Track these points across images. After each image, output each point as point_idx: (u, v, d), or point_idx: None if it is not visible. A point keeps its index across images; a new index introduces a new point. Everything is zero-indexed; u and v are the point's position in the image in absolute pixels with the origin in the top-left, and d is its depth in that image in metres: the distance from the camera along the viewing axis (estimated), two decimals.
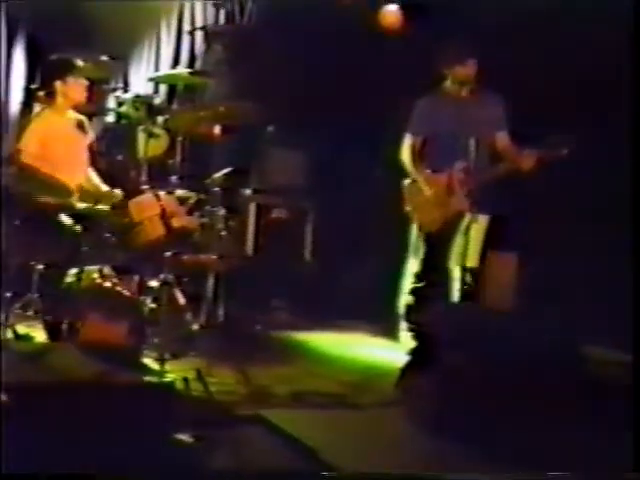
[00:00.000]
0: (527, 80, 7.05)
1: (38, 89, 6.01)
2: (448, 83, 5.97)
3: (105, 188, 5.99)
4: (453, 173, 5.81)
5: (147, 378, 5.10)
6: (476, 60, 5.87)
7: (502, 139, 5.96)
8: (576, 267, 6.97)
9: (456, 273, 6.25)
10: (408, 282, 5.97)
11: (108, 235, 5.45)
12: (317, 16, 7.85)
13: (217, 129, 6.28)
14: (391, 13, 8.01)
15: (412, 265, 5.95)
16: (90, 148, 6.09)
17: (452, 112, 5.88)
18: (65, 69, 5.92)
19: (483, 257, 6.90)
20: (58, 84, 5.90)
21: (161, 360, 5.29)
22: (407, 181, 5.99)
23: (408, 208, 5.98)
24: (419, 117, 6.01)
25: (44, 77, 6.01)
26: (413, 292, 5.96)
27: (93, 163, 6.10)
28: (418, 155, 5.98)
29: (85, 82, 6.01)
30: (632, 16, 6.43)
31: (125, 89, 7.62)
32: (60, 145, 5.84)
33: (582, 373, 6.06)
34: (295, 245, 7.80)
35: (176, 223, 5.68)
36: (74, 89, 5.96)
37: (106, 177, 6.22)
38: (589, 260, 7.01)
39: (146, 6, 7.83)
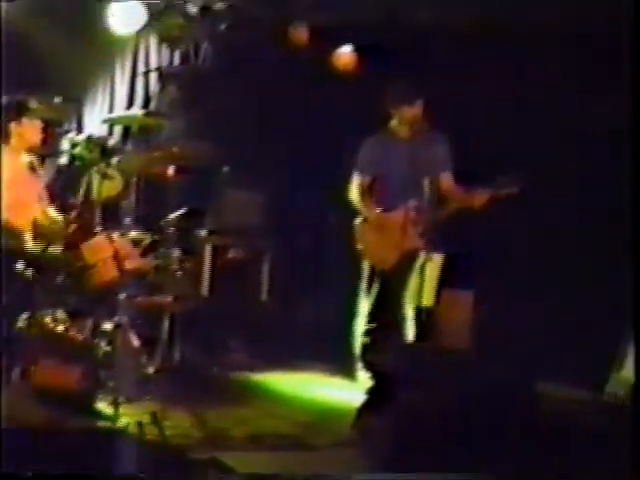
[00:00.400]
0: (475, 120, 7.15)
1: None
2: (395, 123, 6.02)
3: (55, 214, 5.92)
4: (406, 212, 5.84)
5: (101, 423, 5.06)
6: (422, 101, 5.94)
7: (446, 180, 6.00)
8: (533, 305, 7.04)
9: (412, 312, 6.27)
10: (363, 322, 5.97)
11: (61, 278, 5.39)
12: (271, 57, 7.91)
13: (171, 170, 6.28)
14: (344, 55, 8.09)
15: (366, 305, 5.96)
16: (48, 188, 6.04)
17: (400, 152, 5.94)
18: (19, 111, 5.91)
19: (438, 296, 6.95)
20: (13, 126, 5.88)
21: (115, 404, 5.23)
22: (358, 220, 6.02)
23: (360, 247, 6.00)
24: (367, 156, 6.06)
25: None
26: (368, 332, 5.95)
27: (52, 201, 6.06)
28: (368, 194, 6.01)
29: (40, 123, 6.00)
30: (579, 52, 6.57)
31: (79, 131, 7.59)
32: (13, 187, 5.78)
33: (539, 411, 6.09)
34: (251, 285, 7.77)
35: (130, 265, 5.64)
36: (29, 130, 5.95)
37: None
38: (545, 297, 7.09)
39: (100, 47, 7.81)
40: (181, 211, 6.43)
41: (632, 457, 4.60)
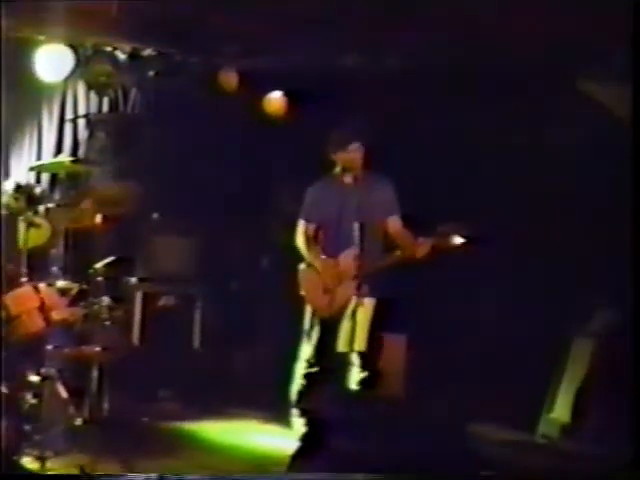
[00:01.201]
0: (417, 164, 7.20)
1: None
2: (337, 169, 6.02)
3: None
4: (340, 260, 5.84)
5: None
6: (360, 145, 5.93)
7: (394, 223, 5.99)
8: (465, 346, 7.07)
9: (347, 358, 6.24)
10: (300, 367, 5.93)
11: None
12: (201, 103, 7.90)
13: (99, 218, 6.19)
14: (275, 99, 8.11)
15: (305, 350, 5.92)
16: None
17: (340, 198, 5.92)
18: None
19: (371, 341, 6.92)
20: None
21: (42, 458, 5.11)
22: (302, 266, 5.99)
23: (302, 293, 5.98)
24: (310, 204, 6.05)
25: None
26: (305, 377, 5.91)
27: None
28: (312, 240, 6.00)
29: None
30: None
31: (5, 178, 7.47)
32: None
33: (472, 453, 6.10)
34: (183, 333, 7.68)
35: (57, 315, 5.55)
36: None
37: None
38: (478, 340, 7.13)
39: (28, 94, 7.72)
40: (110, 259, 6.32)
41: None
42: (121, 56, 7.71)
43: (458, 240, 5.67)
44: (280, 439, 6.30)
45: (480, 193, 7.13)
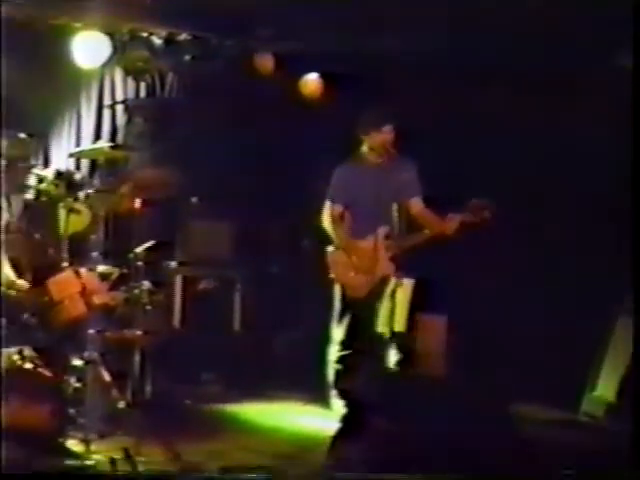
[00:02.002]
0: (447, 144, 7.18)
1: None
2: (365, 149, 6.01)
3: (12, 277, 5.84)
4: (377, 239, 5.83)
5: (71, 462, 4.98)
6: (392, 126, 5.93)
7: (416, 204, 5.99)
8: (507, 327, 7.04)
9: (384, 338, 6.25)
10: (335, 349, 5.94)
11: (27, 315, 5.33)
12: (237, 86, 7.92)
13: (138, 203, 6.23)
14: (311, 82, 8.11)
15: (339, 332, 5.93)
16: (5, 229, 5.97)
17: (370, 178, 5.92)
18: None
19: (410, 321, 6.93)
20: None
21: (86, 441, 5.17)
22: (330, 248, 6.00)
23: (332, 275, 5.98)
24: (338, 185, 6.04)
25: None
26: (341, 359, 5.93)
27: (6, 246, 5.98)
28: (340, 222, 6.00)
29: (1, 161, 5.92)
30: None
31: (46, 165, 7.54)
32: None
33: (516, 434, 6.07)
34: (223, 316, 7.73)
35: (98, 300, 5.61)
36: None
37: (25, 257, 6.10)
38: (519, 319, 7.10)
39: (66, 81, 7.78)
40: (149, 243, 6.37)
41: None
42: (157, 41, 7.75)
43: (488, 215, 5.66)
44: (321, 420, 6.33)
45: (507, 173, 7.09)
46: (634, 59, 5.39)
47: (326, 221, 6.04)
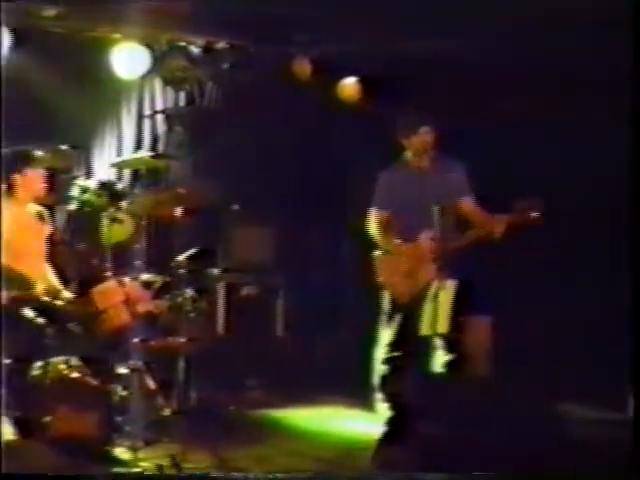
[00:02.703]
0: (490, 144, 7.13)
1: None
2: (408, 154, 6.01)
3: (58, 286, 5.91)
4: (420, 243, 5.83)
5: (119, 469, 5.03)
6: (431, 128, 5.92)
7: (467, 204, 5.98)
8: (554, 327, 6.98)
9: (429, 341, 6.23)
10: (381, 352, 5.95)
11: (72, 325, 5.39)
12: (275, 93, 7.94)
13: (179, 211, 6.29)
14: (349, 85, 8.11)
15: (385, 335, 5.93)
16: (50, 240, 6.05)
17: (414, 183, 5.92)
18: (23, 161, 5.89)
19: (454, 323, 6.89)
20: (17, 177, 5.85)
21: (134, 449, 5.22)
22: (378, 252, 6.00)
23: (380, 279, 5.99)
24: (383, 191, 6.04)
25: (2, 171, 5.95)
26: (387, 362, 5.93)
27: (51, 256, 6.06)
28: (387, 227, 6.00)
29: (43, 173, 5.97)
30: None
31: (88, 176, 7.62)
32: (22, 237, 5.80)
33: (566, 434, 6.01)
34: (267, 322, 7.76)
35: (142, 308, 5.65)
36: (33, 180, 5.90)
37: (70, 267, 6.19)
38: (563, 319, 7.04)
39: (106, 92, 7.87)
40: (192, 251, 6.42)
41: None
42: (195, 50, 7.80)
43: (535, 215, 5.62)
44: (366, 424, 6.32)
45: (553, 173, 7.03)
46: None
47: (373, 227, 6.05)
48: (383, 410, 5.94)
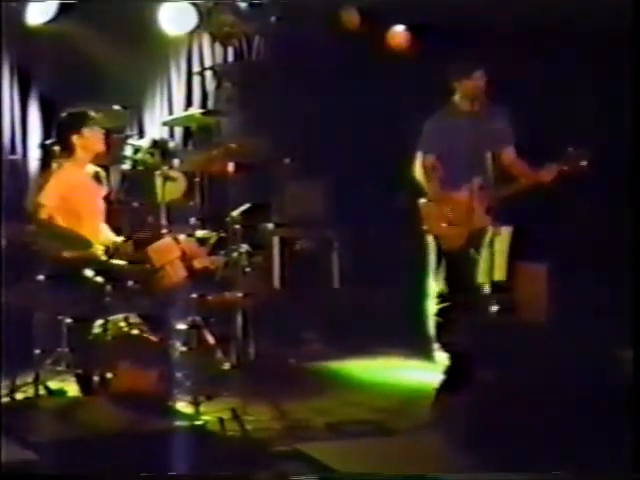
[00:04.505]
0: (540, 93, 7.02)
1: (54, 144, 6.01)
2: (457, 98, 5.95)
3: (116, 245, 5.97)
4: (472, 190, 5.78)
5: (182, 423, 5.10)
6: (484, 73, 5.86)
7: (508, 155, 5.92)
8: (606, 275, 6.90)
9: (484, 288, 6.20)
10: (434, 302, 5.93)
11: (131, 283, 5.45)
12: (324, 44, 7.88)
13: (232, 167, 6.30)
14: (398, 34, 8.04)
15: (436, 285, 5.91)
16: (105, 200, 6.11)
17: (463, 128, 5.86)
18: (80, 122, 5.94)
19: (510, 270, 6.86)
20: (75, 138, 5.89)
21: (195, 403, 5.28)
22: (423, 200, 5.96)
23: (426, 227, 5.95)
24: (429, 135, 6.00)
25: (59, 132, 6.01)
26: (441, 311, 5.92)
27: (108, 216, 6.12)
28: (432, 173, 5.95)
29: (101, 131, 6.04)
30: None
31: (140, 136, 7.67)
32: (80, 197, 5.87)
33: (618, 381, 5.95)
34: (322, 275, 7.78)
35: (198, 264, 5.69)
36: (92, 140, 5.95)
37: (125, 226, 6.25)
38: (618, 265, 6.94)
39: (154, 51, 7.88)
40: (245, 206, 6.45)
41: None
42: (242, 5, 7.76)
43: (585, 163, 5.55)
44: (424, 373, 6.34)
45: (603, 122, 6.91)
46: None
47: (418, 172, 6.01)
48: (441, 359, 5.94)
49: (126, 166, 6.73)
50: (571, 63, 7.11)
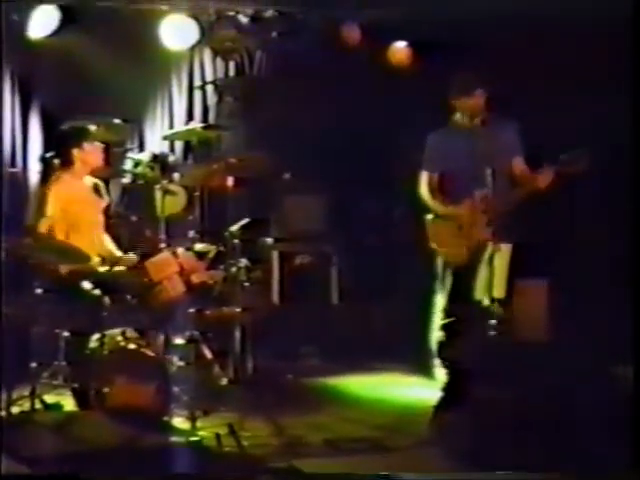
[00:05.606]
0: (537, 101, 7.03)
1: (54, 157, 6.02)
2: (458, 115, 5.95)
3: (119, 253, 6.00)
4: (473, 203, 5.78)
5: (178, 438, 5.08)
6: (483, 90, 5.87)
7: (518, 164, 5.93)
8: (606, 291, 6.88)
9: (484, 305, 6.19)
10: (438, 318, 5.92)
11: (128, 297, 5.44)
12: (325, 59, 7.89)
13: (230, 181, 6.30)
14: (399, 50, 8.04)
15: (440, 300, 5.91)
16: (105, 212, 6.11)
17: (465, 144, 5.86)
18: (80, 136, 5.98)
19: (510, 287, 6.83)
20: (75, 151, 5.94)
21: (192, 418, 5.26)
22: (429, 216, 5.96)
23: (432, 243, 5.95)
24: (433, 153, 6.00)
25: (60, 145, 6.04)
26: (444, 327, 5.91)
27: (108, 228, 6.13)
28: (437, 189, 5.96)
29: (101, 146, 6.07)
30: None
31: (141, 149, 7.68)
32: (79, 209, 5.89)
33: (617, 398, 5.94)
34: (321, 290, 7.77)
35: (196, 279, 5.69)
36: (91, 154, 6.01)
37: (124, 239, 6.25)
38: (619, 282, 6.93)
39: (156, 65, 7.89)
40: (245, 221, 6.45)
41: None
42: (243, 20, 7.77)
43: (581, 167, 5.54)
44: (423, 390, 6.31)
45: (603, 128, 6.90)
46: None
47: (423, 190, 6.01)
48: (440, 375, 5.92)
49: (126, 180, 6.76)
50: (571, 79, 7.11)
